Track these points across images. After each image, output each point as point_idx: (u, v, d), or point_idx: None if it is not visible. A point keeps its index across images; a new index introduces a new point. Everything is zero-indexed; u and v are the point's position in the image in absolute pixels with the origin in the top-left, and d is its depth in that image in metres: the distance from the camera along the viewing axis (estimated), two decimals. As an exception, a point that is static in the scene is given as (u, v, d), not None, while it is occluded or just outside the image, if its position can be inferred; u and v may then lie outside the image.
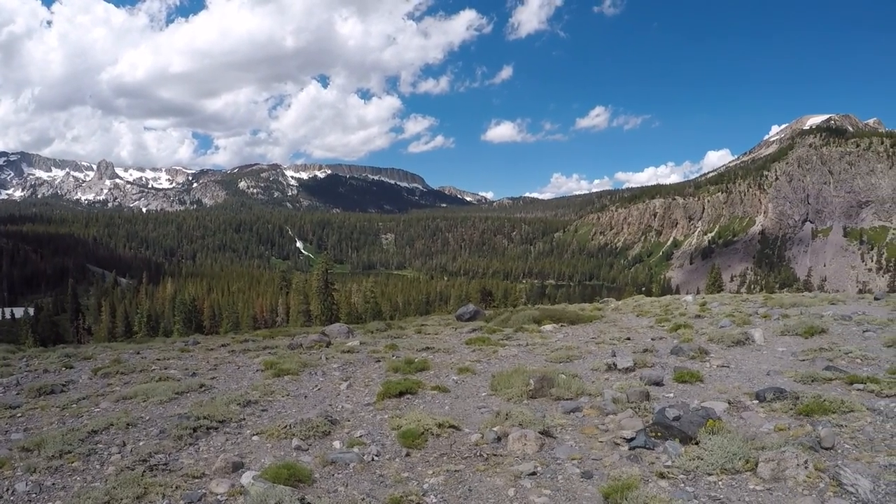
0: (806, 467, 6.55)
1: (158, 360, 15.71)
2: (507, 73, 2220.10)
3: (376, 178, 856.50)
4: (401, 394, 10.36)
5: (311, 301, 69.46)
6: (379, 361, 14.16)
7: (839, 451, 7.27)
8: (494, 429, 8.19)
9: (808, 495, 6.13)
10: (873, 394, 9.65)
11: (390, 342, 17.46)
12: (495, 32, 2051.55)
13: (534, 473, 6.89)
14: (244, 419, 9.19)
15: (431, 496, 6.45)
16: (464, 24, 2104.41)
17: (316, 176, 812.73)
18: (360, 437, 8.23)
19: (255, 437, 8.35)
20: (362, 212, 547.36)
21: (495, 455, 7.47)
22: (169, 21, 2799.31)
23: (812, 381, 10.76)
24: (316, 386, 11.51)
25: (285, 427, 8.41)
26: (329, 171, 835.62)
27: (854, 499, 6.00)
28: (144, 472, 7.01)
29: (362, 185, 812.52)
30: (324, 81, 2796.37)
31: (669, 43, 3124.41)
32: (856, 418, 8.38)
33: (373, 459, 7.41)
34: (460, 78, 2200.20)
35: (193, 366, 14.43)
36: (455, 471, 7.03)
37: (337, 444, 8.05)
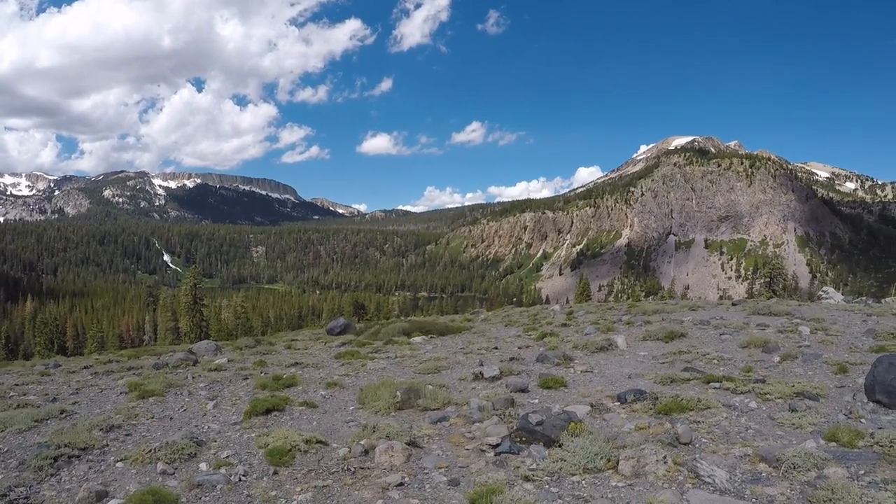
0: (665, 462, 6.87)
1: (17, 385, 14.61)
2: (386, 85, 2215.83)
3: (248, 188, 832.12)
4: (268, 411, 10.14)
5: (179, 318, 67.13)
6: (247, 379, 13.80)
7: (697, 445, 7.69)
8: (362, 442, 8.15)
9: (668, 488, 6.43)
10: (729, 391, 10.26)
11: (259, 358, 17.09)
12: (378, 44, 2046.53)
13: (401, 484, 6.93)
14: (107, 445, 8.72)
15: (300, 513, 6.39)
16: (348, 33, 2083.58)
17: (185, 185, 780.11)
18: (227, 457, 8.03)
19: (119, 464, 7.95)
20: (232, 223, 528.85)
21: (363, 468, 7.46)
22: (40, 10, 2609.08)
23: (671, 382, 11.32)
24: (182, 406, 11.07)
25: (150, 451, 8.04)
26: (199, 181, 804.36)
27: (712, 489, 6.35)
28: (5, 508, 6.58)
29: (233, 195, 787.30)
30: (199, 85, 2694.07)
31: (548, 63, 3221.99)
32: (712, 414, 8.89)
33: (240, 480, 7.25)
34: (339, 88, 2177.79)
35: (54, 390, 13.53)
36: (323, 486, 6.99)
37: (204, 465, 7.81)
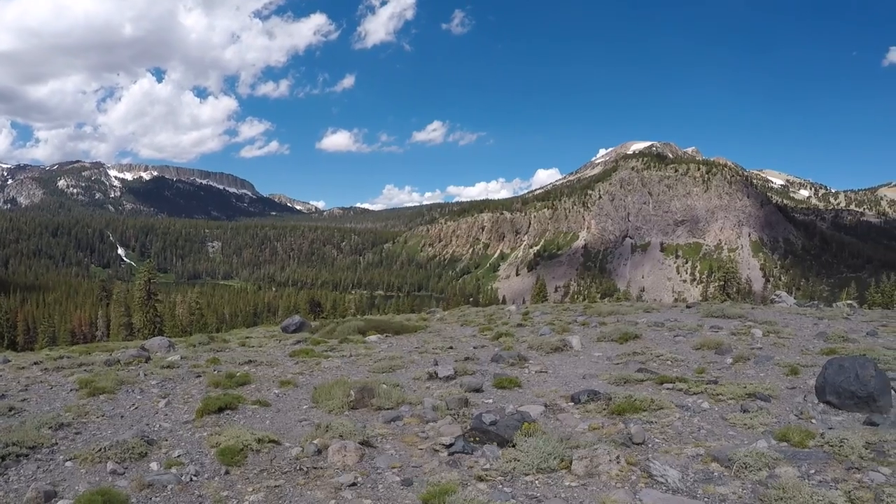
0: (618, 462, 6.92)
1: (-35, 382, 14.21)
2: (349, 81, 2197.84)
3: (205, 182, 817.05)
4: (221, 409, 10.02)
5: (133, 313, 66.02)
6: (200, 376, 13.59)
7: (649, 445, 7.77)
8: (315, 441, 8.11)
9: (621, 488, 6.48)
10: (682, 392, 10.38)
11: (213, 356, 16.83)
12: (342, 40, 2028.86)
13: (354, 484, 6.91)
14: (57, 444, 8.51)
15: (252, 514, 6.34)
16: (312, 27, 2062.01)
17: (141, 177, 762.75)
18: (179, 456, 7.92)
19: (68, 463, 7.78)
20: (189, 218, 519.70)
21: (316, 468, 7.42)
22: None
23: (625, 382, 11.44)
24: (133, 405, 10.85)
25: (100, 450, 7.87)
26: (155, 173, 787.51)
27: (664, 488, 6.43)
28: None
29: (190, 189, 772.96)
30: (159, 75, 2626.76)
31: (511, 65, 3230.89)
32: (665, 415, 8.99)
33: (191, 479, 7.16)
34: (301, 83, 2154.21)
35: (2, 387, 13.13)
36: (275, 486, 6.95)
37: (154, 465, 7.70)
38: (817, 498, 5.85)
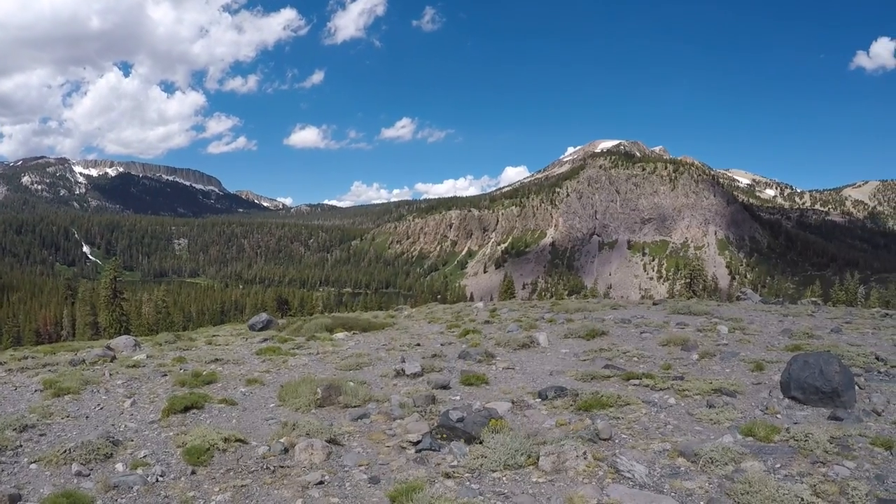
0: (585, 458, 6.96)
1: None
2: (318, 77, 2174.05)
3: (171, 178, 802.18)
4: (187, 409, 9.97)
5: (99, 312, 64.86)
6: (166, 375, 13.50)
7: (616, 441, 7.84)
8: (282, 440, 8.10)
9: (588, 483, 6.52)
10: (648, 388, 10.49)
11: (179, 355, 16.75)
12: (312, 35, 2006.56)
13: (321, 483, 6.90)
14: (21, 446, 8.38)
15: (219, 514, 6.30)
16: (282, 22, 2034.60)
17: (107, 173, 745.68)
18: (145, 457, 7.86)
19: (32, 466, 7.67)
20: (155, 215, 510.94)
21: (283, 467, 7.40)
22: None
23: (592, 378, 11.53)
24: (98, 405, 10.72)
25: (65, 452, 7.77)
26: (121, 169, 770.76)
27: (631, 483, 6.48)
28: None
29: (156, 185, 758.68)
30: (126, 69, 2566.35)
31: (481, 63, 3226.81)
32: (632, 410, 9.07)
33: (157, 480, 7.10)
34: (270, 79, 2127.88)
35: None
36: (242, 486, 6.91)
37: (120, 466, 7.61)
38: (783, 492, 5.92)
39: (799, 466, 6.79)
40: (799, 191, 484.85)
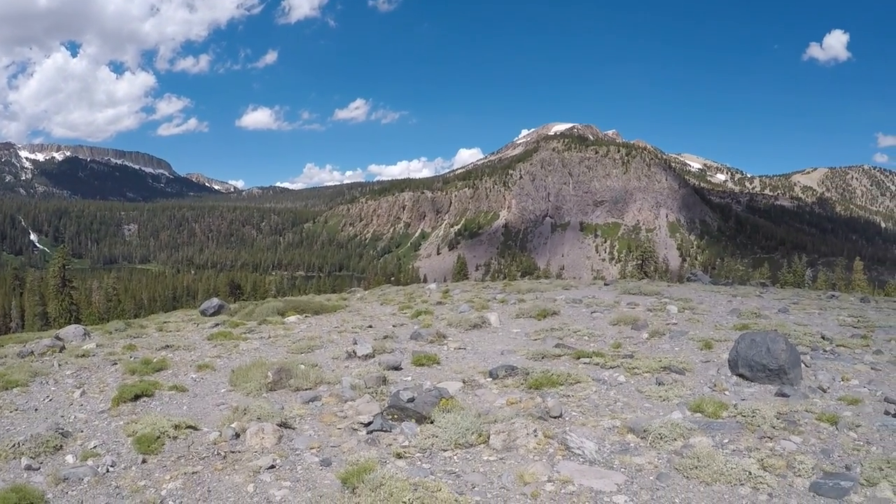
0: (535, 435, 7.02)
1: None
2: (271, 57, 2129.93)
3: (120, 162, 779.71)
4: (137, 397, 9.82)
5: (48, 302, 63.52)
6: (116, 364, 13.25)
7: (567, 418, 7.93)
8: (233, 425, 8.05)
9: (539, 461, 6.58)
10: (598, 366, 10.64)
11: (129, 342, 16.43)
12: (265, 14, 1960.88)
13: (273, 467, 6.89)
14: None
15: (170, 502, 6.26)
16: (235, 1, 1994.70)
17: (54, 158, 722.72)
18: (95, 447, 7.72)
19: None
20: (104, 200, 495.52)
21: (234, 452, 7.36)
22: None
23: (542, 357, 11.64)
24: (48, 396, 10.48)
25: (13, 446, 7.59)
26: (69, 153, 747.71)
27: (581, 459, 6.56)
28: None
29: (104, 169, 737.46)
30: (73, 49, 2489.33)
31: (436, 44, 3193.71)
32: (582, 388, 9.18)
33: (108, 471, 6.99)
34: (222, 59, 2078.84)
35: None
36: (193, 473, 6.86)
37: (70, 458, 7.46)
38: (731, 466, 6.06)
39: (747, 441, 6.95)
40: (749, 176, 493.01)
